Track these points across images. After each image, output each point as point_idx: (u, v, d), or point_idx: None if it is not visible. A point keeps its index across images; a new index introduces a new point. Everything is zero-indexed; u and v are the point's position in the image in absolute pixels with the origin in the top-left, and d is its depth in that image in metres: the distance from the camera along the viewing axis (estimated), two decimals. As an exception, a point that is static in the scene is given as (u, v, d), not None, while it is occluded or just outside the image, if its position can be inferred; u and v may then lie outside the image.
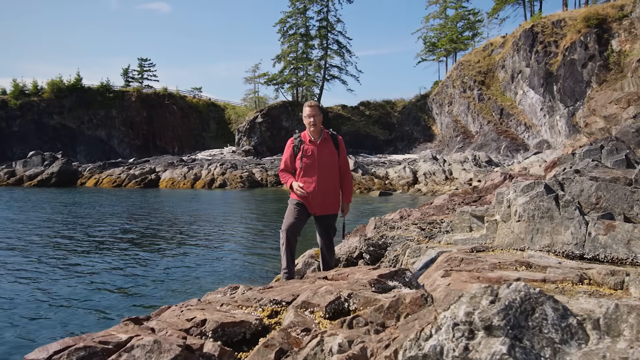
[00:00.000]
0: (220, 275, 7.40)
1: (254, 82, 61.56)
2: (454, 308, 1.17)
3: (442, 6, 52.61)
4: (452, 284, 2.06)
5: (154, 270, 7.75)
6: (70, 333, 4.57)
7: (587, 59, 32.96)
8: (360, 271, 2.57)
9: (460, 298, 1.21)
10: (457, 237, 4.00)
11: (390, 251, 4.38)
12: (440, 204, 7.02)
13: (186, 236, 11.33)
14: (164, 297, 5.99)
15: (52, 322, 5.05)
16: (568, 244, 3.21)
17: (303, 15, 53.13)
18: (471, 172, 28.22)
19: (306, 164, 3.87)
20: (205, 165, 35.83)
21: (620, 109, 30.73)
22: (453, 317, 1.13)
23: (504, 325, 1.05)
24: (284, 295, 2.17)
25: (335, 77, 55.50)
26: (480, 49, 44.98)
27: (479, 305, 1.13)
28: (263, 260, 8.61)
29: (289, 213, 3.97)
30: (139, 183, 31.34)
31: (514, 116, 38.89)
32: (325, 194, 3.89)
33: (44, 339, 4.41)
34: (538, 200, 3.31)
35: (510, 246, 3.45)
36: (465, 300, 1.18)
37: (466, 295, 1.20)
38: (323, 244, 4.00)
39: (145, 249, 9.67)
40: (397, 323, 1.47)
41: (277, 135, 49.06)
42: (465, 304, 1.15)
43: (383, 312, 1.56)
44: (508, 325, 1.05)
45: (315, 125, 3.93)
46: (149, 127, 54.42)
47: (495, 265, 2.50)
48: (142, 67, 64.60)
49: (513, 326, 1.05)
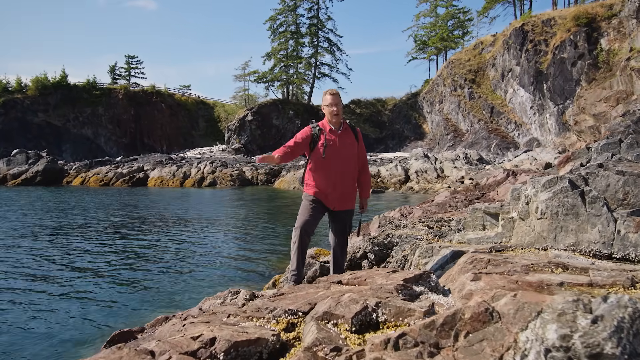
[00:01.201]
0: (216, 277, 7.10)
1: (244, 79, 61.11)
2: (537, 328, 0.92)
3: (433, 4, 52.66)
4: (490, 290, 1.81)
5: (145, 274, 7.40)
6: (54, 351, 4.20)
7: (577, 57, 33.15)
8: (379, 275, 2.32)
9: (540, 314, 0.97)
10: (471, 236, 3.77)
11: (398, 251, 4.14)
12: (442, 202, 6.81)
13: (177, 236, 10.98)
14: (158, 304, 5.65)
15: (35, 336, 4.64)
16: (595, 243, 3.00)
17: (293, 13, 52.77)
18: (462, 170, 28.21)
19: (328, 154, 3.59)
20: (195, 163, 35.33)
21: (610, 107, 30.96)
22: (540, 339, 0.89)
23: (620, 354, 0.81)
24: (299, 304, 1.91)
25: (326, 75, 55.29)
26: (471, 48, 45.07)
27: (577, 325, 0.89)
28: (257, 260, 8.32)
29: (303, 209, 3.68)
30: (127, 182, 30.77)
31: (504, 114, 39.02)
32: (346, 187, 3.64)
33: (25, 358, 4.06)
34: (562, 196, 3.09)
35: (531, 245, 3.23)
36: (551, 317, 0.94)
37: (549, 311, 0.96)
38: (337, 243, 3.72)
39: (135, 251, 9.31)
40: (455, 344, 1.22)
41: (267, 134, 48.69)
42: (555, 324, 0.91)
43: (436, 329, 1.30)
44: (625, 354, 0.81)
45: (338, 115, 3.68)
46: (136, 125, 53.62)
47: (528, 267, 2.27)
48: (130, 65, 63.69)
49: (630, 354, 0.81)
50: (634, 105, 28.71)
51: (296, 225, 3.62)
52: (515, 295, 1.30)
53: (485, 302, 1.32)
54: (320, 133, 3.65)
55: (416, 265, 3.69)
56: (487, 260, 2.43)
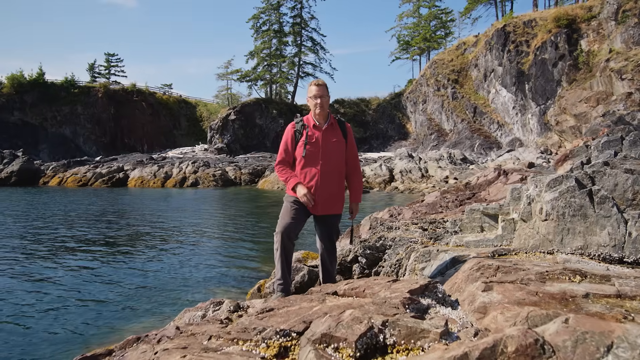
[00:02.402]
0: (196, 284, 6.76)
1: (227, 78, 60.52)
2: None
3: (416, 5, 52.88)
4: (509, 304, 1.59)
5: (120, 280, 7.01)
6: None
7: (558, 58, 33.59)
8: (378, 284, 2.08)
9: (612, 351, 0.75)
10: (469, 239, 3.56)
11: (392, 254, 3.91)
12: (432, 202, 6.62)
13: (156, 240, 10.58)
14: (133, 315, 5.27)
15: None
16: (605, 246, 2.81)
17: (277, 12, 52.36)
18: (447, 170, 28.30)
19: (309, 152, 3.27)
20: (177, 163, 34.69)
21: (590, 107, 31.43)
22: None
23: None
24: (292, 323, 1.66)
25: (310, 74, 55.00)
26: (454, 48, 45.38)
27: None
28: (241, 263, 8.02)
29: (285, 212, 3.38)
30: (106, 182, 30.00)
31: (487, 114, 39.35)
32: (330, 190, 3.31)
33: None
34: (569, 197, 2.90)
35: (535, 249, 3.03)
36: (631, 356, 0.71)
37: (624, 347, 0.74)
38: (324, 249, 3.41)
39: (109, 255, 8.88)
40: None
41: (250, 133, 48.20)
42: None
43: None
44: None
45: (322, 108, 3.33)
46: (116, 124, 52.50)
47: (543, 274, 2.06)
48: (109, 63, 62.35)
49: None
50: (613, 106, 29.21)
51: (277, 230, 3.32)
52: (567, 320, 1.08)
53: (532, 332, 1.09)
54: (303, 129, 3.34)
55: (412, 271, 3.47)
56: (495, 267, 2.22)
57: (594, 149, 3.95)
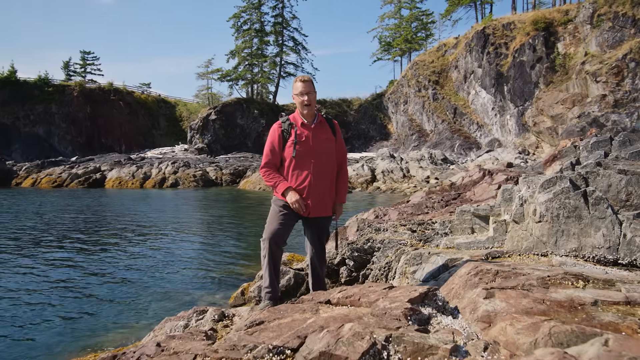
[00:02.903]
0: (176, 289, 6.53)
1: (207, 78, 59.75)
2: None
3: (397, 6, 53.20)
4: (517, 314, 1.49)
5: (94, 288, 6.72)
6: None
7: (535, 60, 34.21)
8: (373, 291, 1.97)
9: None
10: (460, 241, 3.49)
11: (381, 257, 3.81)
12: (418, 202, 6.56)
13: (134, 243, 10.27)
14: (108, 327, 5.01)
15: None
16: (599, 248, 2.76)
17: (258, 11, 51.96)
18: (428, 170, 28.53)
19: (299, 152, 3.09)
20: (156, 163, 34.04)
21: (566, 109, 32.11)
22: None
23: None
24: (285, 338, 1.53)
25: (291, 74, 54.73)
26: (434, 49, 45.81)
27: None
28: (223, 267, 7.81)
29: (272, 217, 3.19)
30: (82, 183, 29.21)
31: (467, 115, 39.82)
32: (322, 191, 3.15)
33: None
34: (563, 198, 2.84)
35: (529, 251, 2.97)
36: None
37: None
38: (314, 252, 3.23)
39: (84, 260, 8.56)
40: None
41: (231, 133, 47.70)
42: None
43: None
44: None
45: (310, 105, 3.17)
46: (93, 124, 51.23)
47: (545, 279, 1.98)
48: (85, 61, 60.82)
49: None
50: (588, 108, 29.91)
51: (264, 236, 3.14)
52: (606, 342, 0.98)
53: (569, 356, 0.99)
54: (291, 128, 3.17)
55: (403, 274, 3.37)
56: (494, 272, 2.13)
57: (583, 149, 3.93)
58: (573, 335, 1.24)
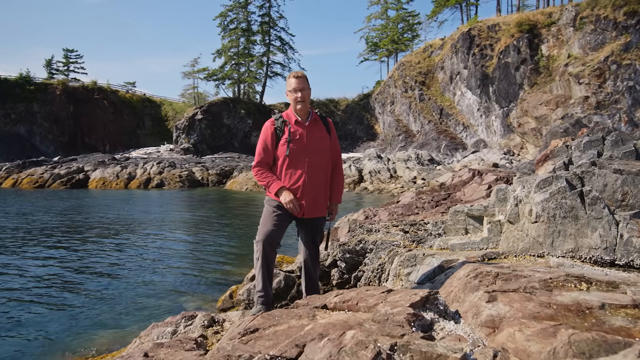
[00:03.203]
0: (163, 291, 6.38)
1: (193, 77, 59.25)
2: None
3: (384, 7, 53.39)
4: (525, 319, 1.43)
5: (77, 290, 6.54)
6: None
7: (520, 62, 34.62)
8: (371, 295, 1.89)
9: None
10: (454, 242, 3.44)
11: (373, 259, 3.74)
12: (408, 203, 6.53)
13: (119, 244, 10.05)
14: (91, 332, 4.84)
15: None
16: (596, 249, 2.73)
17: (244, 10, 51.64)
18: (415, 171, 28.66)
19: (293, 150, 2.99)
20: (141, 164, 33.55)
21: (550, 110, 32.57)
22: None
23: None
24: (283, 347, 1.44)
25: (278, 74, 54.55)
26: (421, 50, 46.09)
27: None
28: (211, 269, 7.67)
29: (266, 218, 3.06)
30: (65, 183, 28.63)
31: (452, 116, 40.13)
32: (316, 191, 3.06)
33: None
34: (560, 198, 2.80)
35: (525, 252, 2.92)
36: None
37: None
38: (308, 254, 3.14)
39: (68, 263, 8.33)
40: None
41: (218, 133, 47.33)
42: None
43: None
44: None
45: (304, 102, 3.06)
46: (76, 123, 50.32)
47: (547, 282, 1.92)
48: (68, 59, 59.69)
49: None
50: (571, 109, 30.39)
51: (258, 238, 3.00)
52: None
53: None
54: (284, 126, 3.06)
55: (396, 276, 3.31)
56: (495, 274, 2.07)
57: (575, 149, 3.92)
58: (595, 344, 1.18)
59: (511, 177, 6.27)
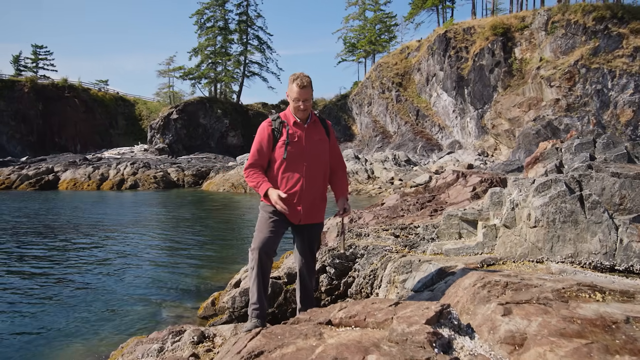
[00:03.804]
0: (140, 300, 6.10)
1: (169, 76, 58.12)
2: None
3: (362, 8, 53.62)
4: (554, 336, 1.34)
5: (50, 300, 6.20)
6: None
7: (494, 65, 35.28)
8: (379, 309, 1.77)
9: None
10: (448, 247, 3.36)
11: (365, 264, 3.63)
12: (393, 205, 6.46)
13: (91, 249, 9.65)
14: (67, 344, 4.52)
15: None
16: (596, 254, 2.68)
17: (222, 8, 50.97)
18: (392, 172, 28.85)
19: (290, 153, 2.82)
20: (114, 164, 32.64)
21: (523, 112, 33.32)
22: None
23: None
24: (295, 375, 1.30)
25: (256, 73, 54.07)
26: (398, 52, 46.47)
27: None
28: (190, 274, 7.42)
29: (262, 224, 2.88)
30: (34, 185, 27.57)
31: (429, 117, 40.58)
32: (314, 196, 2.90)
33: None
34: (560, 202, 2.75)
35: (524, 257, 2.86)
36: None
37: None
38: (304, 263, 2.95)
39: (35, 270, 7.92)
40: None
41: (194, 133, 46.56)
42: None
43: None
44: None
45: (306, 111, 2.92)
46: (45, 122, 48.61)
47: (560, 292, 1.84)
48: (37, 55, 57.68)
49: None
50: (543, 111, 31.16)
51: (253, 246, 2.82)
52: None
53: None
54: (282, 127, 2.89)
55: (391, 283, 3.20)
56: (504, 284, 1.99)
57: (565, 151, 3.91)
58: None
59: (495, 178, 6.28)
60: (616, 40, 29.53)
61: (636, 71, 28.02)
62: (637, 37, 29.51)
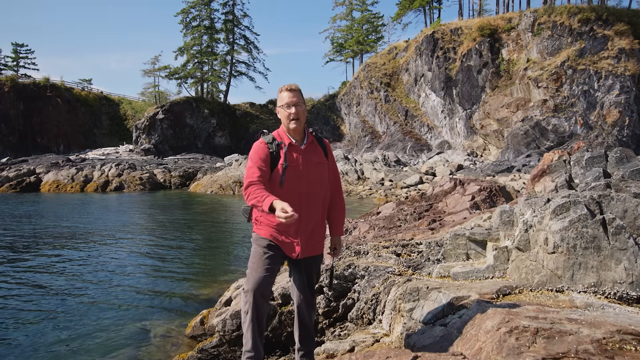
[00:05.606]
0: (125, 315, 5.77)
1: (154, 75, 57.29)
2: None
3: (349, 8, 53.48)
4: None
5: (25, 313, 5.86)
6: None
7: (482, 65, 35.41)
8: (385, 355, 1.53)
9: None
10: (456, 270, 3.13)
11: (366, 288, 3.39)
12: (389, 215, 6.23)
13: (72, 258, 9.23)
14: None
15: None
16: (621, 283, 2.48)
17: (207, 7, 50.35)
18: (382, 172, 28.74)
19: (288, 179, 2.53)
20: (98, 165, 31.94)
21: (511, 112, 33.48)
22: None
23: None
24: None
25: (243, 73, 53.56)
26: (386, 52, 46.44)
27: None
28: (178, 288, 7.08)
29: (256, 261, 2.55)
30: (14, 187, 26.81)
31: (417, 118, 40.61)
32: (313, 227, 2.61)
33: None
34: (580, 226, 2.54)
35: (542, 286, 2.65)
36: None
37: None
38: (302, 299, 2.67)
39: (11, 280, 7.53)
40: None
41: (180, 133, 45.93)
42: None
43: None
44: None
45: (299, 120, 2.61)
46: (26, 122, 47.47)
47: (601, 343, 1.63)
48: (18, 54, 56.30)
49: None
50: (531, 112, 31.34)
51: (247, 287, 2.50)
52: None
53: None
54: (279, 149, 2.59)
55: (396, 311, 2.96)
56: (534, 330, 1.76)
57: (575, 164, 3.73)
58: None
59: (494, 187, 6.10)
60: (601, 42, 29.83)
61: (621, 72, 28.32)
62: (622, 39, 29.85)
